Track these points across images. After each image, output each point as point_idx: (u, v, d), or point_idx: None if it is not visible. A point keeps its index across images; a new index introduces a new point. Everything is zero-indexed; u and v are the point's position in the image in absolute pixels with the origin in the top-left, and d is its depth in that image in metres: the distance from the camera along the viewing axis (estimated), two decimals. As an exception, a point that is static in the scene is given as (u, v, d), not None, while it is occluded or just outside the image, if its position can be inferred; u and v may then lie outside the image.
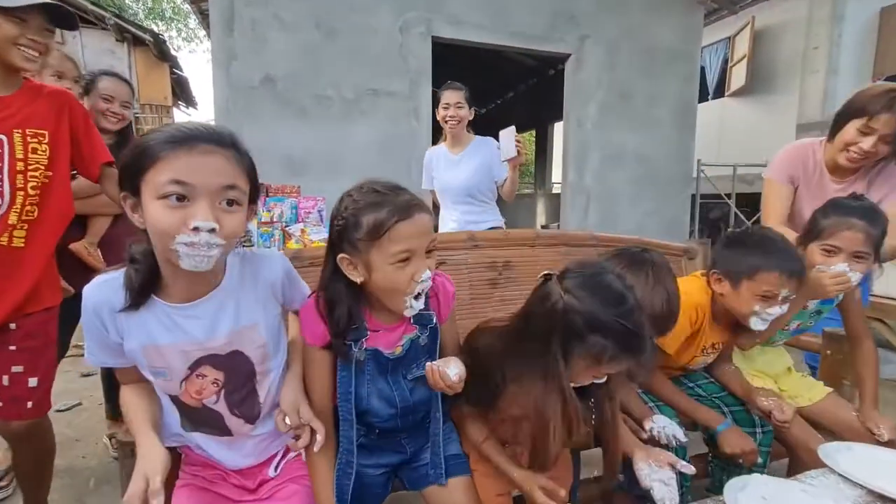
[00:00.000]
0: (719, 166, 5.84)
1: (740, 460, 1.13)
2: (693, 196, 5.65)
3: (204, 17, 4.94)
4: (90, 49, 5.75)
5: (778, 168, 1.61)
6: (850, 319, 1.40)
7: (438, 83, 5.09)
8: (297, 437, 0.84)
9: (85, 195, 1.61)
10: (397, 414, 0.94)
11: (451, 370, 0.85)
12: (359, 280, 0.84)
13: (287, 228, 3.01)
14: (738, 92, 6.63)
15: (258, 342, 0.86)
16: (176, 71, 6.80)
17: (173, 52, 7.01)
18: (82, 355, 0.85)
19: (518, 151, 2.08)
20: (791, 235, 1.35)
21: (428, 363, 0.88)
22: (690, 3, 4.77)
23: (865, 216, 1.18)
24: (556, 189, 9.06)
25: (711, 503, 0.80)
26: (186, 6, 15.35)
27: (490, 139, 2.38)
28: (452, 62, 6.46)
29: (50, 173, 1.23)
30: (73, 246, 1.67)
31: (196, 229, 0.67)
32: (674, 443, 1.06)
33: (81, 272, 1.44)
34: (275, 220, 3.14)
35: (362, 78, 3.91)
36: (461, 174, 2.35)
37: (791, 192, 1.59)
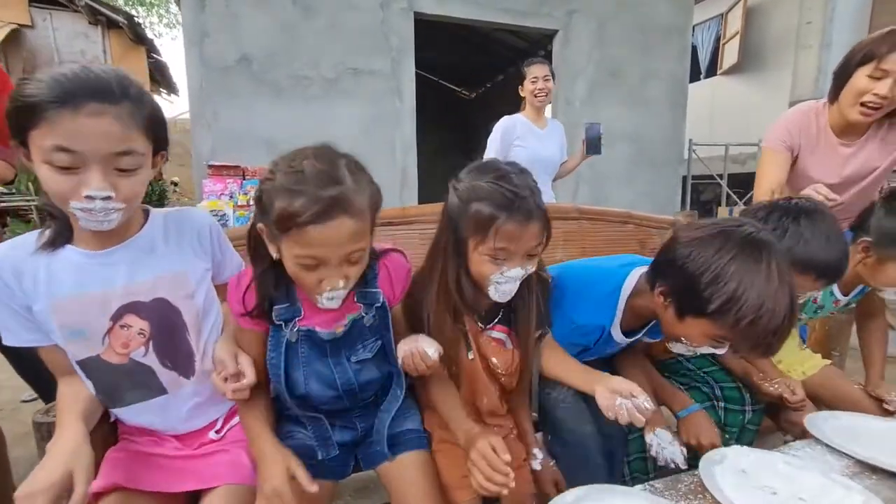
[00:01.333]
0: (711, 146, 5.75)
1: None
2: (684, 177, 5.58)
3: (179, -3, 4.77)
4: (62, 32, 5.53)
5: (775, 135, 1.48)
6: (868, 296, 1.34)
7: (423, 64, 4.96)
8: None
9: None
10: (341, 396, 0.85)
11: (430, 350, 0.78)
12: (274, 256, 0.74)
13: (264, 212, 2.90)
14: (730, 70, 6.52)
15: (186, 290, 0.81)
16: (154, 55, 6.60)
17: (152, 36, 6.80)
18: None
19: (601, 148, 2.35)
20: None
21: (403, 348, 0.80)
22: (681, -25, 4.63)
23: None
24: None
25: (685, 477, 0.73)
26: (167, -9, 15.01)
27: (559, 123, 2.55)
28: (438, 42, 6.31)
29: None
30: None
31: (90, 197, 0.64)
32: (671, 465, 0.93)
33: None
34: (251, 203, 3.04)
35: (342, 57, 3.77)
36: (549, 147, 2.41)
37: (789, 160, 1.46)
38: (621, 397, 0.76)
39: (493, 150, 2.37)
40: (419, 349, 0.78)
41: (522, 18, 4.23)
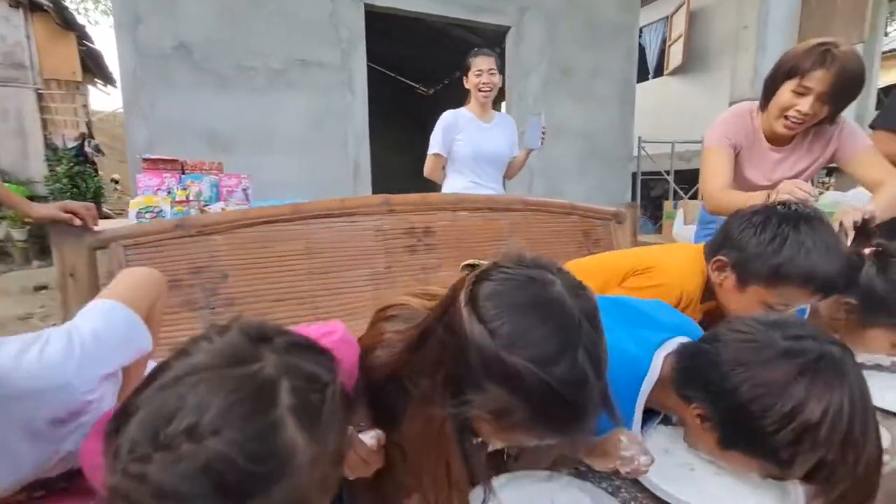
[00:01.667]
0: (658, 143, 5.97)
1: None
2: (634, 174, 5.77)
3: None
4: (-22, 15, 5.04)
5: (719, 134, 1.46)
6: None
7: (376, 58, 4.88)
8: None
9: None
10: None
11: (367, 437, 0.60)
12: None
13: (206, 208, 2.77)
14: (675, 71, 6.79)
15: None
16: (86, 42, 6.14)
17: (86, 23, 6.33)
18: None
19: (542, 142, 2.26)
20: (740, 198, 1.23)
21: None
22: (628, -24, 4.78)
23: None
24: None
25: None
26: (104, -24, 14.07)
27: (509, 117, 2.47)
28: (394, 37, 6.22)
29: None
30: None
31: None
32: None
33: None
34: (191, 198, 2.89)
35: (289, 47, 3.64)
36: (493, 141, 2.30)
37: (733, 158, 1.45)
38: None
39: (434, 145, 2.28)
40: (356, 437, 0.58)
41: (475, 13, 4.23)
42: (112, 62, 7.34)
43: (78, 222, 1.12)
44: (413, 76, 10.10)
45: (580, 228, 1.82)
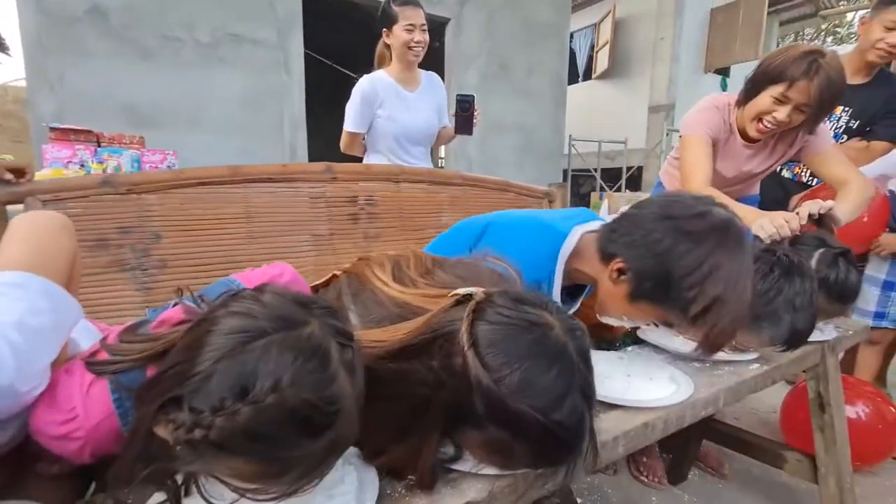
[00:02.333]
0: (587, 142, 6.36)
1: None
2: (565, 171, 6.10)
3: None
4: None
5: (699, 123, 1.42)
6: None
7: (312, 45, 4.75)
8: None
9: None
10: None
11: None
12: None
13: (125, 183, 2.58)
14: (602, 75, 7.26)
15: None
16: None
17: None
18: None
19: (473, 128, 1.91)
20: (722, 198, 1.17)
21: None
22: (560, -20, 5.05)
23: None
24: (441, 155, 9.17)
25: None
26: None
27: (436, 77, 2.05)
28: (329, 22, 6.09)
29: None
30: None
31: None
32: None
33: None
34: (109, 173, 2.68)
35: (220, 21, 3.46)
36: (421, 115, 1.95)
37: (712, 151, 1.42)
38: None
39: (350, 121, 1.90)
40: None
41: (415, 3, 4.26)
42: (9, 28, 6.49)
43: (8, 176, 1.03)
44: (348, 64, 9.92)
45: (515, 204, 1.93)
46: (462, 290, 0.54)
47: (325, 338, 0.43)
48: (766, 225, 1.06)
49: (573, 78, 7.26)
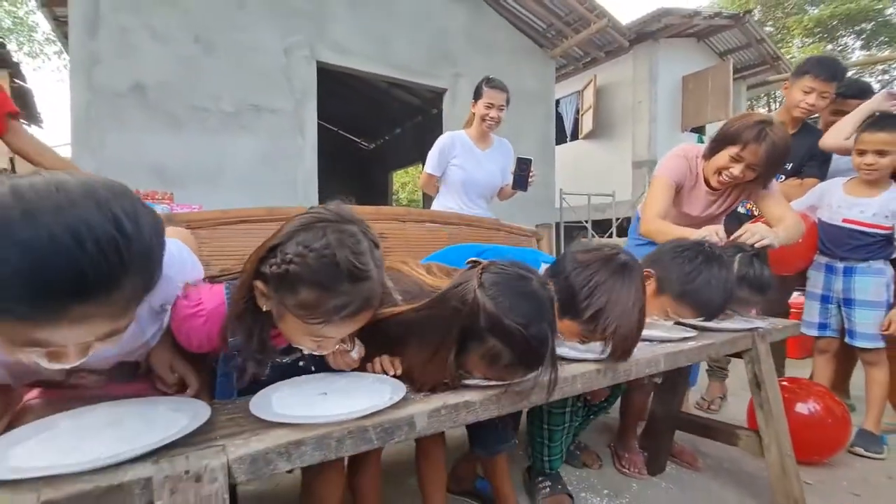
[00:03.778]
0: (577, 195, 6.79)
1: None
2: (558, 224, 6.48)
3: (58, 23, 4.57)
4: None
5: (671, 171, 1.69)
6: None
7: (324, 114, 5.28)
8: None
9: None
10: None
11: (353, 351, 0.84)
12: (264, 308, 0.72)
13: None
14: (588, 135, 7.85)
15: (141, 354, 0.79)
16: (17, 81, 6.02)
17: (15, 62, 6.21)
18: None
19: (527, 186, 2.26)
20: (671, 229, 1.53)
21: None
22: (544, 56, 5.68)
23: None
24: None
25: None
26: (32, 18, 13.71)
27: (507, 142, 2.48)
28: (339, 94, 6.72)
29: None
30: None
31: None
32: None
33: None
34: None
35: (243, 93, 3.93)
36: (487, 170, 2.32)
37: (674, 193, 1.70)
38: None
39: (429, 165, 2.32)
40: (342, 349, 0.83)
41: (415, 76, 4.81)
42: (41, 105, 7.15)
43: None
44: (355, 131, 10.67)
45: (506, 242, 2.21)
46: (473, 259, 0.83)
47: (362, 234, 0.71)
48: (702, 232, 1.39)
49: (561, 138, 7.85)
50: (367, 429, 0.64)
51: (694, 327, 1.21)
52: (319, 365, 0.87)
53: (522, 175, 2.23)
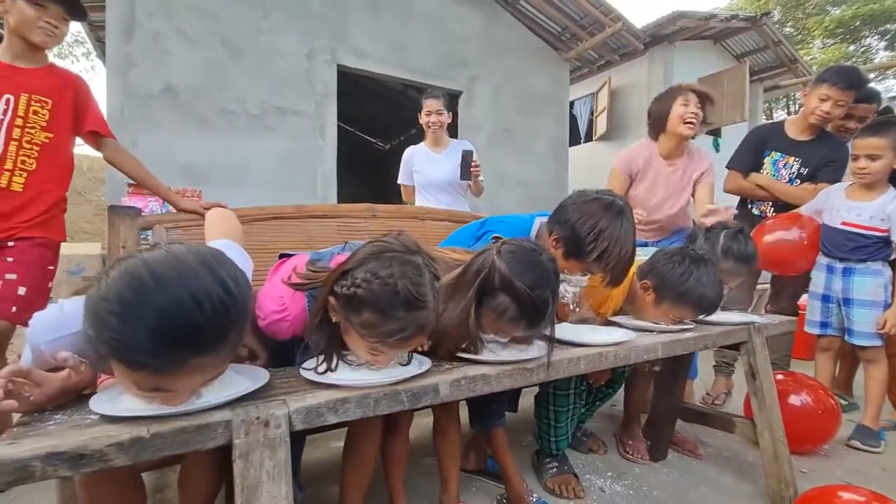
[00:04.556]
0: (589, 196, 6.85)
1: None
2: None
3: (93, 27, 4.80)
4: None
5: (622, 162, 2.13)
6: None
7: (346, 111, 5.43)
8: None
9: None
10: None
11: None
12: (334, 320, 0.84)
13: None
14: (601, 137, 7.90)
15: None
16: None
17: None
18: None
19: (473, 175, 2.49)
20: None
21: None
22: (558, 59, 5.76)
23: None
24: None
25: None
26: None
27: (465, 142, 2.74)
28: (360, 95, 6.88)
29: (49, 135, 1.48)
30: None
31: None
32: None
33: None
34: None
35: (267, 96, 4.09)
36: (443, 169, 2.60)
37: (628, 181, 2.13)
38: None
39: (400, 176, 2.76)
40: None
41: (432, 79, 4.93)
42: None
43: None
44: (372, 132, 10.84)
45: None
46: (496, 235, 1.01)
47: (425, 266, 0.81)
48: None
49: (575, 140, 7.91)
50: (399, 392, 0.76)
51: (695, 321, 1.31)
52: None
53: (465, 165, 2.47)
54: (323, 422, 0.70)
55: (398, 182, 2.80)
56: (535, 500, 1.32)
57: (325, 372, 0.81)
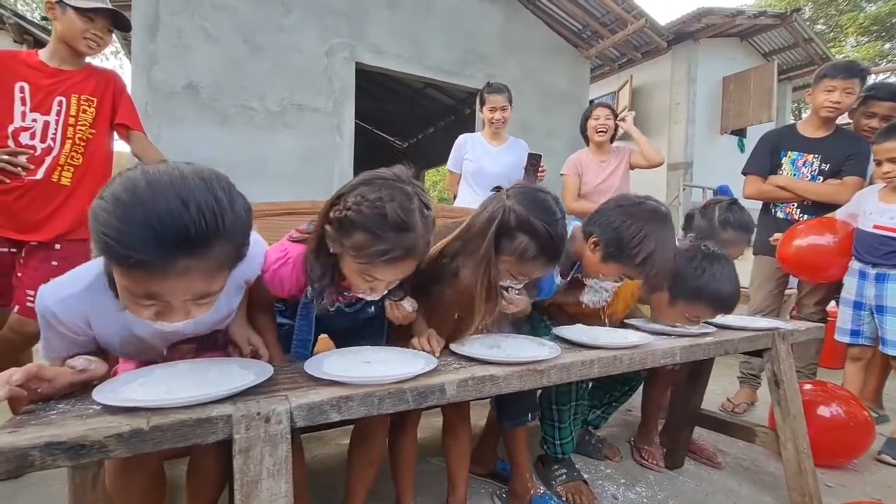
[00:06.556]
0: (608, 197, 6.73)
1: None
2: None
3: (121, 26, 4.91)
4: (-17, 48, 5.26)
5: (569, 168, 2.67)
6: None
7: (360, 113, 5.45)
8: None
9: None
10: (349, 329, 1.11)
11: (406, 303, 0.98)
12: (331, 250, 0.86)
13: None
14: (623, 136, 7.73)
15: (228, 320, 0.94)
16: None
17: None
18: None
19: (539, 179, 2.44)
20: (587, 206, 2.25)
21: (386, 301, 0.98)
22: (578, 56, 5.67)
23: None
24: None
25: None
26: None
27: (523, 142, 2.69)
28: (374, 94, 6.90)
29: (93, 131, 1.59)
30: None
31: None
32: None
33: None
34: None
35: (287, 93, 4.13)
36: (499, 163, 2.53)
37: (578, 181, 2.61)
38: None
39: (450, 163, 2.67)
40: (397, 302, 0.98)
41: (449, 77, 4.91)
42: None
43: None
44: (389, 130, 10.88)
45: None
46: (497, 185, 1.07)
47: (416, 195, 0.84)
48: None
49: (594, 139, 7.78)
50: (404, 391, 0.74)
51: (717, 326, 1.26)
52: (381, 315, 1.05)
53: (532, 168, 2.43)
54: (326, 419, 0.69)
55: (447, 167, 2.73)
56: (541, 492, 1.29)
57: (319, 296, 0.86)
